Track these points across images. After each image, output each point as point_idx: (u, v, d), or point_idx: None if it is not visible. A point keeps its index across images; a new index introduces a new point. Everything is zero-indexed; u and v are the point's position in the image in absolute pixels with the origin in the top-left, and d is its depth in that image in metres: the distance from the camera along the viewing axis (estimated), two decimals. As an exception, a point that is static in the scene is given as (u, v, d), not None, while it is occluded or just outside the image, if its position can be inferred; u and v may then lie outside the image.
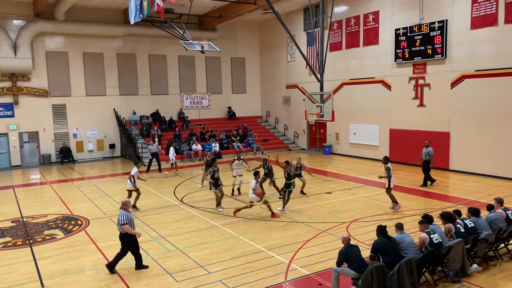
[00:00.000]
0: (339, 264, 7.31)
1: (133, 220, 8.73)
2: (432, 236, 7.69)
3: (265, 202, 12.34)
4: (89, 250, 10.08)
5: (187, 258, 9.32)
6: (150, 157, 20.93)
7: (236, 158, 15.56)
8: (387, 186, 12.72)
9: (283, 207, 13.04)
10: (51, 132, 24.49)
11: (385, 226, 7.50)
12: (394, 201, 12.82)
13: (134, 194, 13.65)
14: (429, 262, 7.59)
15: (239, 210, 12.57)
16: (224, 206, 13.48)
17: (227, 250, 9.76)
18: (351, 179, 17.58)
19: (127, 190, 13.65)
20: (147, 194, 16.03)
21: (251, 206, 12.50)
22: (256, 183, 12.09)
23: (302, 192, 15.06)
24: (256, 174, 12.30)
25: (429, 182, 15.90)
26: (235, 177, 15.38)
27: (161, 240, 10.58)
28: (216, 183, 13.25)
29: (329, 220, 11.94)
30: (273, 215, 12.34)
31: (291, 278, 8.19)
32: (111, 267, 8.66)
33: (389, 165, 12.71)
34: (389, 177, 12.57)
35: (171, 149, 19.79)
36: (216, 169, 13.30)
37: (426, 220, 8.17)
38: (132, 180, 13.38)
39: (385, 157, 13.13)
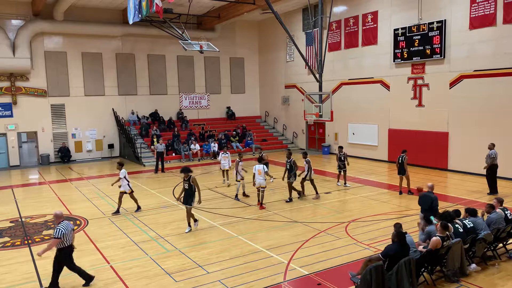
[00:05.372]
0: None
1: (69, 233, 7.76)
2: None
3: (262, 191, 13.33)
4: (87, 250, 10.05)
5: (186, 258, 9.32)
6: (155, 156, 20.75)
7: (239, 159, 14.86)
8: (307, 178, 14.25)
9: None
10: (49, 132, 24.46)
11: (404, 233, 7.22)
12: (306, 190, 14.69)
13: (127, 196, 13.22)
14: (428, 262, 7.60)
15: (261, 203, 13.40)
16: (223, 207, 13.50)
17: (226, 250, 9.76)
18: (349, 179, 17.54)
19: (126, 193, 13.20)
20: (145, 194, 16.03)
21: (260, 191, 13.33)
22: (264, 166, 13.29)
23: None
24: (261, 160, 13.68)
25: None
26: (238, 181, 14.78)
27: (160, 240, 10.57)
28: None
29: (328, 220, 11.95)
30: (262, 207, 13.25)
31: (290, 278, 8.18)
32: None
33: (308, 159, 14.38)
34: (309, 169, 14.17)
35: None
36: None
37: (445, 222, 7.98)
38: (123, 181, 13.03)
39: (304, 153, 14.83)
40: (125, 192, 13.11)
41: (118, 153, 26.48)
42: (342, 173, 16.29)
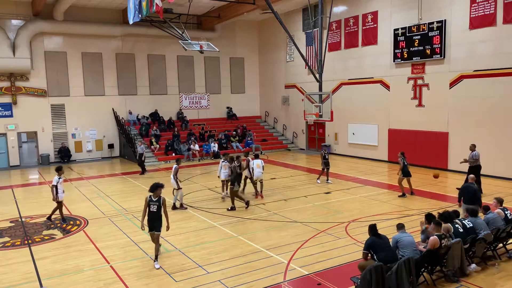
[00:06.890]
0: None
1: None
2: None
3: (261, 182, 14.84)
4: (87, 250, 10.06)
5: (186, 258, 9.32)
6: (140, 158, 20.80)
7: (177, 165, 13.54)
8: (250, 176, 14.72)
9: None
10: (49, 132, 24.45)
11: (375, 225, 7.68)
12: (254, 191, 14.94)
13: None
14: (428, 261, 7.60)
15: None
16: (223, 207, 13.49)
17: (226, 250, 9.76)
18: (349, 179, 17.59)
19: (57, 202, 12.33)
20: (144, 194, 15.99)
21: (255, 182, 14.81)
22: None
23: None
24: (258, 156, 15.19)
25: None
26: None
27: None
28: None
29: (328, 220, 11.94)
30: (261, 195, 14.61)
31: (290, 278, 8.18)
32: None
33: (248, 158, 14.98)
34: (250, 168, 14.58)
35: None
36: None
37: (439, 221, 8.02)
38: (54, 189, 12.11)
39: (245, 153, 15.88)
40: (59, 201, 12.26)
41: (118, 153, 26.47)
42: (325, 170, 16.95)
